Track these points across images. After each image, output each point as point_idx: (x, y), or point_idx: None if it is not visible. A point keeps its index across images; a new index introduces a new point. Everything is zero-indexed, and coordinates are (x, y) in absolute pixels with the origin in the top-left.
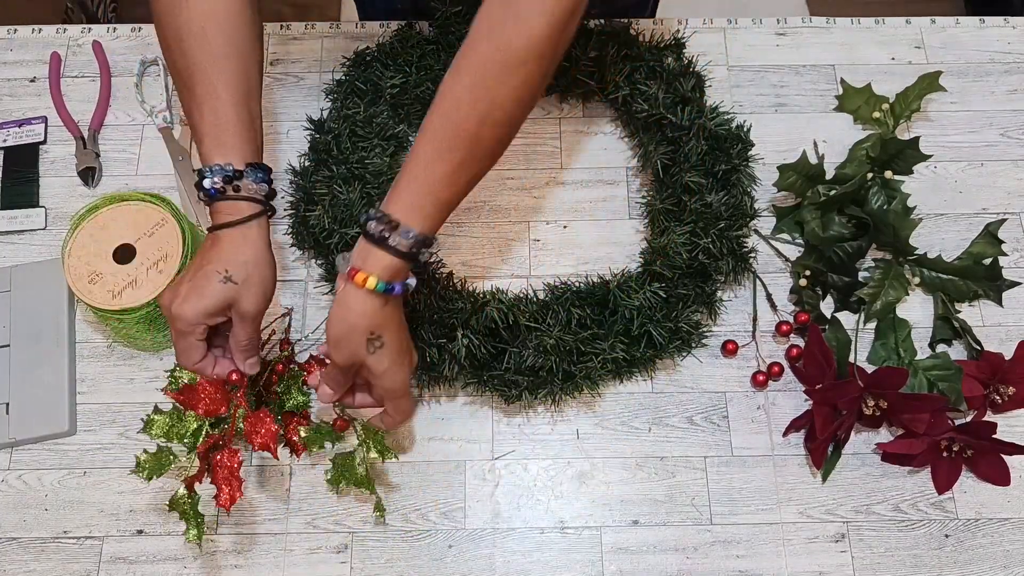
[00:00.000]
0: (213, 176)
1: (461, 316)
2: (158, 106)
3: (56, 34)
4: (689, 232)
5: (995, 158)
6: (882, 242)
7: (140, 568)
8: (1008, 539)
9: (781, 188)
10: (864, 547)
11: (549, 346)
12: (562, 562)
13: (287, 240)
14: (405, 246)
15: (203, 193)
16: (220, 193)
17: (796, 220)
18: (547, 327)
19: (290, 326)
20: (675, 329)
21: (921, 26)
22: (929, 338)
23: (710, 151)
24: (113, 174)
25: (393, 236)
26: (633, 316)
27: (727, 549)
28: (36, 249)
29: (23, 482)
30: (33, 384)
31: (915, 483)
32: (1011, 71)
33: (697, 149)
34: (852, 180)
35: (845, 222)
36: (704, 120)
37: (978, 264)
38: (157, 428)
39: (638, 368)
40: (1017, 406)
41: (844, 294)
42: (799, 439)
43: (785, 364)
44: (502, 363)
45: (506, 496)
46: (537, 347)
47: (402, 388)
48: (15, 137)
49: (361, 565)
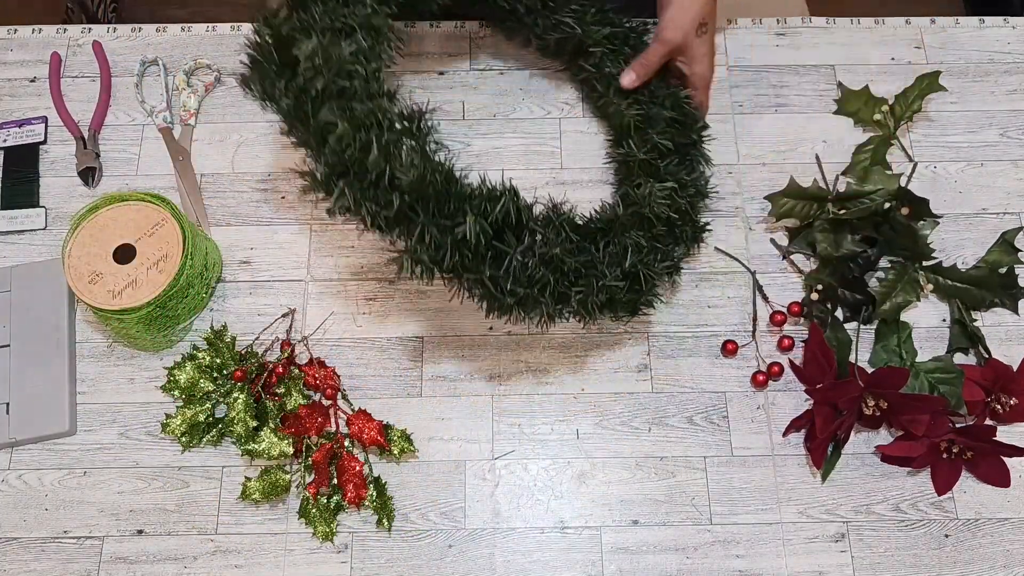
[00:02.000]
0: None
1: (475, 201)
2: (158, 106)
3: (56, 34)
4: (670, 190)
5: (995, 158)
6: (897, 246)
7: (140, 568)
8: (1008, 539)
9: (778, 217)
10: (864, 547)
11: (552, 255)
12: (562, 562)
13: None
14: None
15: None
16: None
17: (808, 240)
18: (551, 239)
19: (291, 326)
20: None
21: (921, 26)
22: (931, 340)
23: (673, 123)
24: (113, 174)
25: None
26: (627, 251)
27: (727, 549)
28: (36, 249)
29: (23, 482)
30: (33, 384)
31: (915, 483)
32: (1011, 71)
33: (665, 115)
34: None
35: (858, 240)
36: (675, 90)
37: (994, 273)
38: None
39: (629, 311)
40: (1018, 418)
41: (854, 310)
42: (799, 439)
43: (785, 363)
44: (500, 267)
45: (506, 496)
46: (542, 256)
47: (711, 73)
48: (15, 137)
49: (361, 565)
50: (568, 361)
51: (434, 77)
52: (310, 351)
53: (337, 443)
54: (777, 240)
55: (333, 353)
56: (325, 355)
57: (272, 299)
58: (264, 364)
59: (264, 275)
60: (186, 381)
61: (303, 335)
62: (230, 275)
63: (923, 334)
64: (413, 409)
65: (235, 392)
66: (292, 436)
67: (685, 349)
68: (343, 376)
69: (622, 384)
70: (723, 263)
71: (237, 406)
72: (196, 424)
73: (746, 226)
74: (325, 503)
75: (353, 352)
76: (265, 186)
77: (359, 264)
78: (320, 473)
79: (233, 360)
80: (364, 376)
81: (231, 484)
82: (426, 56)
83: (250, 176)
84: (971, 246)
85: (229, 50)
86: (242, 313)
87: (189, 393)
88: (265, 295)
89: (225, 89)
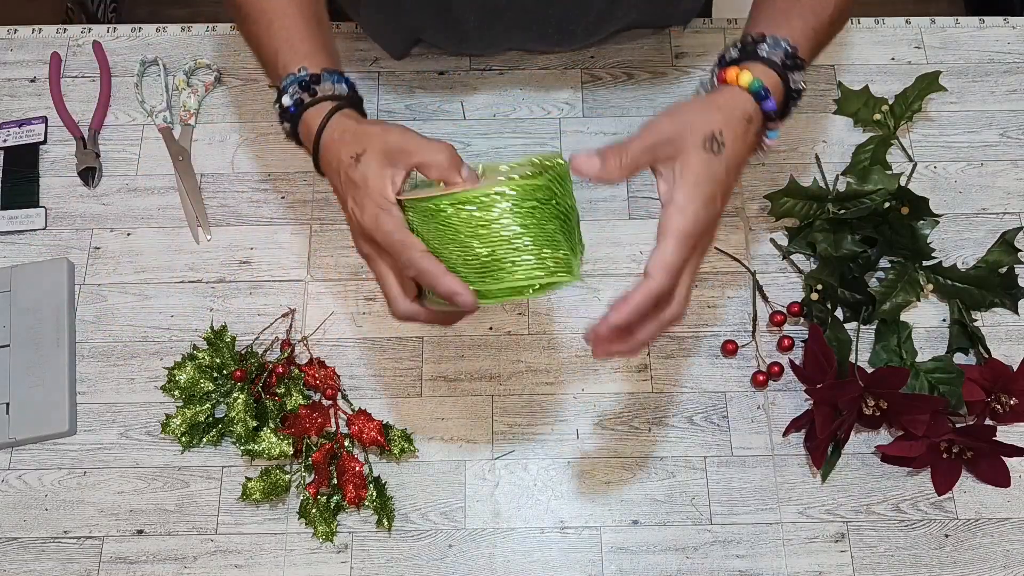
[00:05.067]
0: (289, 87)
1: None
2: (158, 106)
3: (56, 34)
4: None
5: (995, 158)
6: (898, 245)
7: (140, 568)
8: (1008, 539)
9: (778, 217)
10: (864, 547)
11: None
12: (562, 562)
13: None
14: (777, 56)
15: (284, 116)
16: (300, 105)
17: (808, 240)
18: None
19: (291, 326)
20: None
21: (921, 26)
22: (931, 340)
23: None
24: (113, 174)
25: (762, 46)
26: None
27: (727, 549)
28: (36, 249)
29: (23, 482)
30: (33, 384)
31: (915, 483)
32: (1011, 71)
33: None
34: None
35: (858, 240)
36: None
37: (994, 273)
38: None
39: None
40: (1018, 418)
41: (854, 310)
42: (799, 439)
43: (785, 363)
44: None
45: (506, 496)
46: None
47: (708, 226)
48: (15, 137)
49: (361, 565)
50: (568, 361)
51: (434, 77)
52: (310, 351)
53: (337, 443)
54: (777, 240)
55: (333, 353)
56: (325, 355)
57: (272, 299)
58: (264, 364)
59: (264, 275)
60: (186, 381)
61: (303, 335)
62: (230, 275)
63: (923, 334)
64: (413, 409)
65: (235, 392)
66: (292, 436)
67: (685, 349)
68: (343, 376)
69: (622, 384)
70: (723, 263)
71: (237, 406)
72: (196, 424)
73: (746, 226)
74: (325, 503)
75: (353, 352)
76: (265, 186)
77: (359, 264)
78: (320, 473)
79: (233, 360)
80: (364, 376)
81: (231, 484)
82: (426, 56)
83: (250, 176)
84: (971, 246)
85: (229, 50)
86: (242, 313)
87: (189, 393)
88: (265, 295)
89: (225, 89)
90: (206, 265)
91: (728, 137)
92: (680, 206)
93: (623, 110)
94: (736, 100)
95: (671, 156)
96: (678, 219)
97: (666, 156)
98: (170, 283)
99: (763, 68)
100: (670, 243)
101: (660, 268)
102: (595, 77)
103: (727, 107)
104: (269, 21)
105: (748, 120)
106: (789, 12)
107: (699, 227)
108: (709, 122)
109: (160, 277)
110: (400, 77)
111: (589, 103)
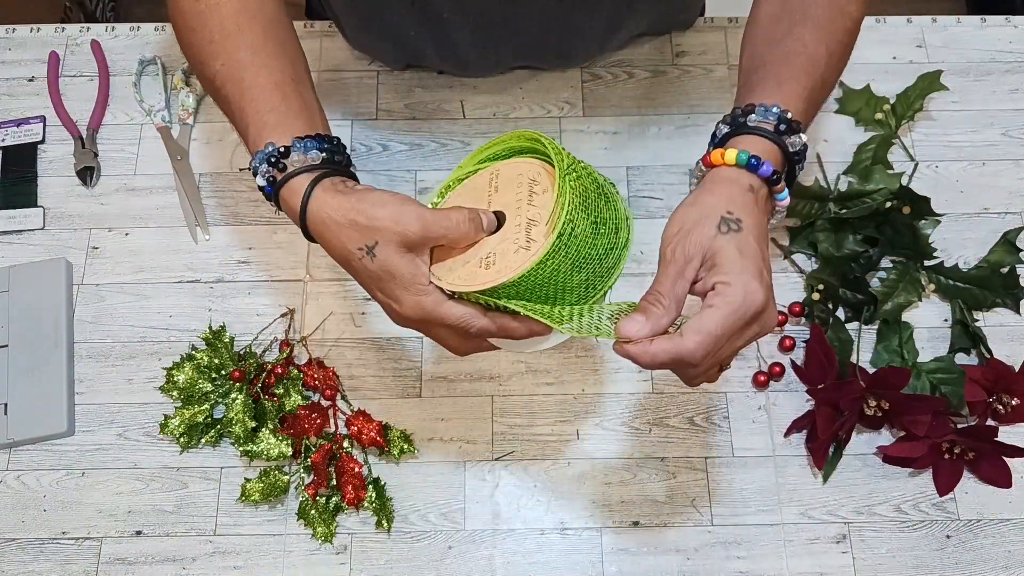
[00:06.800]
0: (260, 166)
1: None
2: (156, 105)
3: (54, 33)
4: None
5: (997, 158)
6: (899, 245)
7: (139, 569)
8: (1010, 540)
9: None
10: (865, 548)
11: None
12: (562, 563)
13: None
14: (769, 124)
15: (264, 195)
16: (273, 183)
17: (809, 240)
18: None
19: (290, 326)
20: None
21: (922, 25)
22: (933, 340)
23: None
24: (111, 173)
25: (751, 117)
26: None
27: (728, 550)
28: (34, 249)
29: (21, 483)
30: (31, 384)
31: (916, 484)
32: (1013, 70)
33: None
34: (867, 204)
35: (860, 239)
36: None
37: (996, 273)
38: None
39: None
40: (1020, 419)
41: (856, 310)
42: (800, 440)
43: (786, 364)
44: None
45: (506, 497)
46: None
47: (761, 303)
48: (13, 137)
49: (360, 566)
50: (568, 361)
51: (434, 77)
52: (309, 351)
53: (336, 444)
54: (778, 240)
55: (332, 353)
56: (324, 355)
57: (271, 299)
58: (263, 364)
59: (263, 275)
60: (184, 381)
61: (302, 335)
62: (229, 275)
63: (925, 334)
64: (413, 409)
65: (234, 392)
66: (291, 437)
67: None
68: (342, 376)
69: (622, 384)
70: None
71: (236, 407)
72: (195, 425)
73: None
74: (324, 504)
75: (352, 352)
76: None
77: None
78: (319, 474)
79: (232, 360)
80: (363, 376)
81: (230, 485)
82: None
83: (249, 176)
84: (973, 246)
85: None
86: (241, 313)
87: (188, 393)
88: (264, 295)
89: None
90: (205, 265)
91: (740, 212)
92: (727, 281)
93: (623, 109)
94: (731, 175)
95: (698, 259)
96: (726, 291)
97: (696, 266)
98: (168, 283)
99: (753, 139)
100: (716, 311)
101: (694, 331)
102: (595, 76)
103: (724, 185)
104: (240, 94)
105: (751, 190)
106: (780, 76)
107: (750, 299)
108: (713, 208)
109: (158, 277)
110: (400, 77)
111: (589, 102)
